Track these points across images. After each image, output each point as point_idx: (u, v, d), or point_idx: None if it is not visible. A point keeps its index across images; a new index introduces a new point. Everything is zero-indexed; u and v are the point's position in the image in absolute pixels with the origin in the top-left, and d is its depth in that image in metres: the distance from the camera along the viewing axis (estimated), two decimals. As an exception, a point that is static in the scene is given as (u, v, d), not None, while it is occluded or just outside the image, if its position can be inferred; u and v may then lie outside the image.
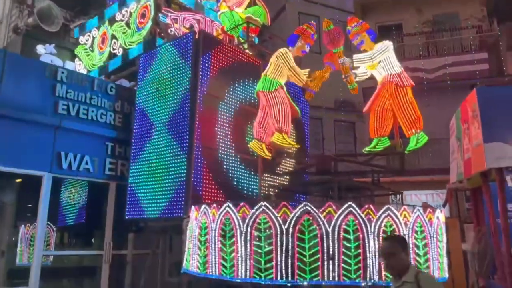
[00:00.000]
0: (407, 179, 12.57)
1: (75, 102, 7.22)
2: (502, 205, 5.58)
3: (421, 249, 4.97)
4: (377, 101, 6.35)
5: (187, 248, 5.72)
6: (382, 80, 6.33)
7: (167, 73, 6.90)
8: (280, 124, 6.01)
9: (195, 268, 5.39)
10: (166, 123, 6.69)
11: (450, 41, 16.04)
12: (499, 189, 5.58)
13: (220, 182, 6.49)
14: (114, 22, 8.56)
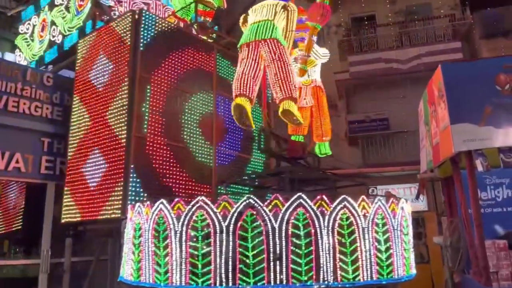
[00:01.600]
0: (375, 170, 12.14)
1: (2, 94, 6.44)
2: (473, 193, 5.05)
3: (383, 244, 4.36)
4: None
5: (124, 253, 5.03)
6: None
7: (106, 58, 6.19)
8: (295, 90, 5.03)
9: (129, 276, 4.69)
10: (104, 112, 5.98)
11: (423, 30, 15.71)
12: (469, 176, 5.04)
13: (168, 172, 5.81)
14: (54, 7, 7.81)
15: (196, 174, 6.15)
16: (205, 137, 6.40)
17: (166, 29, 6.23)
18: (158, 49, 6.05)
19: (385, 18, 16.39)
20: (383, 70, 15.13)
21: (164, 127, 5.92)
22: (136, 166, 5.47)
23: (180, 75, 6.25)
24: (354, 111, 15.75)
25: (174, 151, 5.95)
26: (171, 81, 6.13)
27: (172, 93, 6.10)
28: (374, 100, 15.66)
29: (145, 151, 5.62)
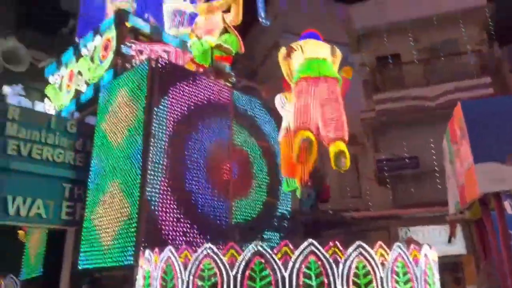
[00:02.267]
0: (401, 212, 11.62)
1: (27, 142, 6.67)
2: (503, 237, 4.66)
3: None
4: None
5: (136, 303, 4.90)
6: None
7: (124, 105, 6.34)
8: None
9: (138, 327, 4.55)
10: (121, 158, 6.05)
11: (450, 67, 15.43)
12: (498, 218, 4.67)
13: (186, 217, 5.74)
14: (80, 58, 8.19)
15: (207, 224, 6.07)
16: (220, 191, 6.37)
17: (182, 75, 6.36)
18: (174, 95, 6.16)
19: (410, 56, 16.27)
20: (411, 107, 14.82)
21: (179, 175, 5.91)
22: (150, 213, 5.43)
23: (196, 121, 6.32)
24: (382, 150, 15.37)
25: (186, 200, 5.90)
26: (186, 127, 6.19)
27: (187, 139, 6.13)
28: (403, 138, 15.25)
29: (159, 198, 5.59)
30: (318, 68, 5.11)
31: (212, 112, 6.62)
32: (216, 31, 8.09)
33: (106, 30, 7.67)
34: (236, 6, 7.83)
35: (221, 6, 7.79)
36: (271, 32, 16.86)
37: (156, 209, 5.54)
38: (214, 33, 8.02)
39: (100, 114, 6.89)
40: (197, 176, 6.13)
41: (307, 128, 4.88)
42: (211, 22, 7.95)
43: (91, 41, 8.00)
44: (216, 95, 6.79)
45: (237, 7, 7.84)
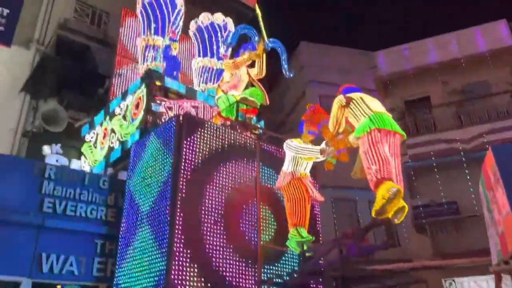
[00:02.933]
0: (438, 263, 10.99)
1: (62, 199, 6.91)
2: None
3: None
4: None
5: None
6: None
7: (152, 161, 6.53)
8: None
9: None
10: (149, 214, 6.14)
11: (483, 108, 15.12)
12: (544, 269, 4.35)
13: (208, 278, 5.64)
14: (114, 116, 8.60)
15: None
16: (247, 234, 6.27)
17: (208, 130, 6.52)
18: (200, 148, 6.29)
19: (440, 99, 16.09)
20: (445, 151, 14.48)
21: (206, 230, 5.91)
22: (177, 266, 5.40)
23: (222, 173, 6.38)
24: (418, 196, 14.88)
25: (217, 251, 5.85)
26: (214, 181, 6.25)
27: (214, 191, 6.17)
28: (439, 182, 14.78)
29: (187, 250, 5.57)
30: (389, 122, 5.14)
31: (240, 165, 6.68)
32: (242, 85, 8.37)
33: (137, 89, 8.07)
34: (260, 61, 8.10)
35: (245, 62, 8.08)
36: (297, 83, 17.20)
37: (184, 263, 5.50)
38: (239, 87, 8.29)
39: (130, 170, 7.10)
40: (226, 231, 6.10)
41: (391, 178, 4.75)
42: (237, 77, 8.24)
43: (123, 101, 8.42)
44: (243, 148, 6.88)
45: (261, 62, 8.11)
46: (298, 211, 5.65)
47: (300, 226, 5.62)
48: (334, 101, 5.46)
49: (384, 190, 4.54)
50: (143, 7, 9.97)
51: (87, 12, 12.37)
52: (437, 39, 16.47)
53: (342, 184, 14.04)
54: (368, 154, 4.85)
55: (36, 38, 12.49)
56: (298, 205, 5.67)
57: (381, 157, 4.77)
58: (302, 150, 5.85)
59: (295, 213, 5.68)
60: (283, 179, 5.98)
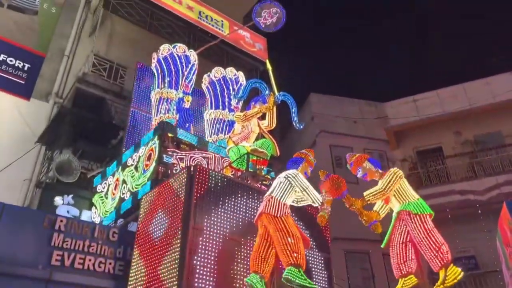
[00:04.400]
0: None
1: (71, 252, 6.84)
2: None
3: None
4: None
5: None
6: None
7: (162, 212, 6.51)
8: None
9: None
10: (158, 266, 6.03)
11: (497, 159, 14.95)
12: None
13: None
14: (126, 167, 8.69)
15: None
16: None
17: (219, 181, 6.53)
18: (211, 201, 6.28)
19: (452, 149, 15.99)
20: (459, 202, 14.18)
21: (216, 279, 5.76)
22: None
23: (233, 226, 6.31)
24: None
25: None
26: (224, 232, 6.18)
27: (225, 244, 6.08)
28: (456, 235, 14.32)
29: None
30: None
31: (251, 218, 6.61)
32: (252, 137, 8.46)
33: (150, 141, 8.21)
34: (271, 113, 8.25)
35: (256, 115, 8.23)
36: (308, 133, 17.31)
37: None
38: (250, 138, 8.38)
39: (140, 221, 7.07)
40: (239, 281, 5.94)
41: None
42: (247, 128, 8.36)
43: (136, 152, 8.55)
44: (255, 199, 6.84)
45: (271, 114, 8.25)
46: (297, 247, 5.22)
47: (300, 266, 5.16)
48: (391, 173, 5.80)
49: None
50: (158, 61, 10.38)
51: (105, 66, 12.89)
52: (447, 90, 16.66)
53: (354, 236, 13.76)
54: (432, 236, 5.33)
55: (55, 91, 12.99)
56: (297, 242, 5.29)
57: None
58: (308, 191, 5.62)
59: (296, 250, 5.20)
60: (277, 207, 5.51)
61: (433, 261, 5.20)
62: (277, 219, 5.41)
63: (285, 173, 5.87)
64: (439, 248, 5.24)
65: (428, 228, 5.40)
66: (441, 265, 5.14)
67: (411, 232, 5.50)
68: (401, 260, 5.53)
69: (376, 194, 5.77)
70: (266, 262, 5.35)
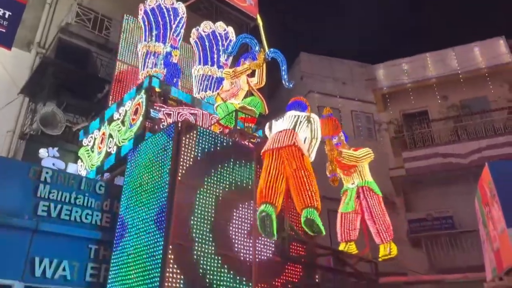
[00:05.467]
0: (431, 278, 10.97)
1: (57, 203, 6.86)
2: (547, 309, 4.30)
3: None
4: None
5: None
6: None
7: (150, 167, 6.51)
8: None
9: None
10: (145, 220, 6.11)
11: (481, 124, 15.19)
12: (540, 288, 4.34)
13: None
14: (112, 121, 8.58)
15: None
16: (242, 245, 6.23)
17: (207, 138, 6.52)
18: (199, 157, 6.29)
19: (438, 113, 16.16)
20: (442, 165, 14.50)
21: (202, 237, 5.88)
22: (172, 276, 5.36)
23: (220, 182, 6.36)
24: (414, 209, 14.87)
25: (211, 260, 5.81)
26: (211, 187, 6.23)
27: (213, 201, 6.16)
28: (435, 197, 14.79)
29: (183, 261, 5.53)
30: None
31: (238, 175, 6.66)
32: (241, 94, 8.41)
33: (137, 95, 8.07)
34: (260, 70, 8.14)
35: (245, 71, 8.12)
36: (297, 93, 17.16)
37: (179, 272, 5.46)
38: (239, 96, 8.32)
39: (127, 175, 7.09)
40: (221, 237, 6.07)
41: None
42: (236, 85, 8.28)
43: (122, 106, 8.42)
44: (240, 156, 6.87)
45: (261, 71, 8.16)
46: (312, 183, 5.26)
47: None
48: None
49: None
50: (145, 13, 10.03)
51: (89, 17, 12.42)
52: (437, 54, 16.59)
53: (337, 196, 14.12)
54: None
55: (37, 41, 12.54)
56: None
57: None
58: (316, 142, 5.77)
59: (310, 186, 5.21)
60: (302, 144, 5.49)
61: (382, 235, 6.41)
62: (304, 157, 5.38)
63: (306, 114, 5.91)
64: (389, 226, 6.50)
65: (383, 208, 6.62)
66: (387, 240, 6.43)
67: (369, 207, 6.48)
68: (351, 227, 6.58)
69: (351, 157, 6.58)
70: (278, 194, 5.21)
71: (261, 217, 5.08)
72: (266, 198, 5.11)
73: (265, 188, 5.18)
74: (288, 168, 5.32)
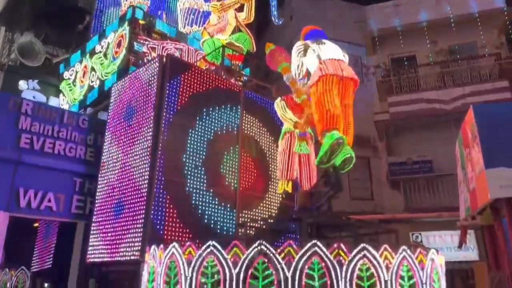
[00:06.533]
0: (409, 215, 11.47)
1: (40, 136, 6.77)
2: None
3: (408, 299, 3.98)
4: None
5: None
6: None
7: (134, 102, 6.40)
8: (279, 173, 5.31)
9: (142, 321, 4.58)
10: (130, 154, 6.10)
11: (468, 70, 15.16)
12: (509, 225, 4.58)
13: (187, 220, 5.74)
14: (94, 54, 8.29)
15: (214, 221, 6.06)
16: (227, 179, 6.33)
17: (192, 73, 6.37)
18: (183, 92, 6.18)
19: (426, 58, 16.04)
20: (425, 110, 14.60)
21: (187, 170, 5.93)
22: (157, 207, 5.46)
23: (205, 118, 6.32)
24: (395, 153, 15.17)
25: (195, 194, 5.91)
26: (195, 124, 6.19)
27: (196, 135, 6.14)
28: (417, 141, 15.05)
29: (166, 193, 5.61)
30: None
31: (223, 111, 6.61)
32: (229, 29, 8.14)
33: (120, 27, 7.74)
34: (249, 5, 7.84)
35: (234, 4, 7.81)
36: (286, 33, 16.78)
37: (163, 205, 5.56)
38: (226, 31, 8.06)
39: (111, 109, 6.97)
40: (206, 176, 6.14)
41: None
42: (224, 20, 7.99)
43: (105, 38, 8.10)
44: (226, 93, 6.79)
45: (250, 6, 7.86)
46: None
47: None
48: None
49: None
50: None
51: None
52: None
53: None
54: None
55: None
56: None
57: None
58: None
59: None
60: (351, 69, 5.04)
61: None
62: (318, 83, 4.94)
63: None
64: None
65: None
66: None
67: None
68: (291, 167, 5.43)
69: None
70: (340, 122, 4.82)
71: (337, 142, 4.56)
72: (336, 124, 4.69)
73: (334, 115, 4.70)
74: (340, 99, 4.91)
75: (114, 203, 6.05)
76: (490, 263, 6.33)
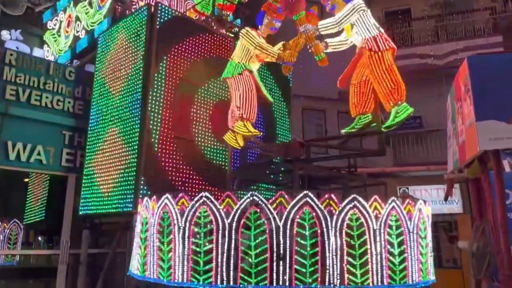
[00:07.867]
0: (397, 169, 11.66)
1: (25, 87, 6.59)
2: (499, 196, 4.65)
3: (396, 247, 4.10)
4: (354, 72, 5.47)
5: (133, 247, 5.04)
6: (358, 48, 5.30)
7: (122, 53, 6.21)
8: (241, 111, 5.27)
9: (135, 270, 4.69)
10: (120, 107, 6.00)
11: (462, 24, 14.94)
12: (496, 177, 4.64)
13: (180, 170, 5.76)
14: (78, 2, 7.94)
15: (207, 172, 6.08)
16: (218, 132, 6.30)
17: (181, 23, 6.17)
18: (173, 42, 6.01)
19: (421, 12, 15.73)
20: (418, 65, 14.51)
21: (177, 121, 5.88)
22: (148, 159, 5.45)
23: (195, 69, 6.19)
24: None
25: (186, 146, 5.90)
26: (185, 74, 6.07)
27: (185, 86, 6.04)
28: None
29: (158, 145, 5.59)
30: None
31: (214, 60, 6.47)
32: (219, -22, 7.80)
33: (105, -27, 7.38)
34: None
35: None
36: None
37: (155, 156, 5.55)
38: (217, -20, 7.73)
39: (99, 61, 6.78)
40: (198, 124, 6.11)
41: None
42: (214, -33, 7.64)
43: (90, -15, 7.74)
44: (217, 44, 6.62)
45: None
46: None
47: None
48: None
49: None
50: None
51: None
52: None
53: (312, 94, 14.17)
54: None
55: None
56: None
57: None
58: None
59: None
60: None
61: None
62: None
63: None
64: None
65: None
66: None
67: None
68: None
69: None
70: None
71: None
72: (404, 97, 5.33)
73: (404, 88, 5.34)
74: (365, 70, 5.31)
75: (105, 156, 6.02)
76: (474, 215, 6.51)
